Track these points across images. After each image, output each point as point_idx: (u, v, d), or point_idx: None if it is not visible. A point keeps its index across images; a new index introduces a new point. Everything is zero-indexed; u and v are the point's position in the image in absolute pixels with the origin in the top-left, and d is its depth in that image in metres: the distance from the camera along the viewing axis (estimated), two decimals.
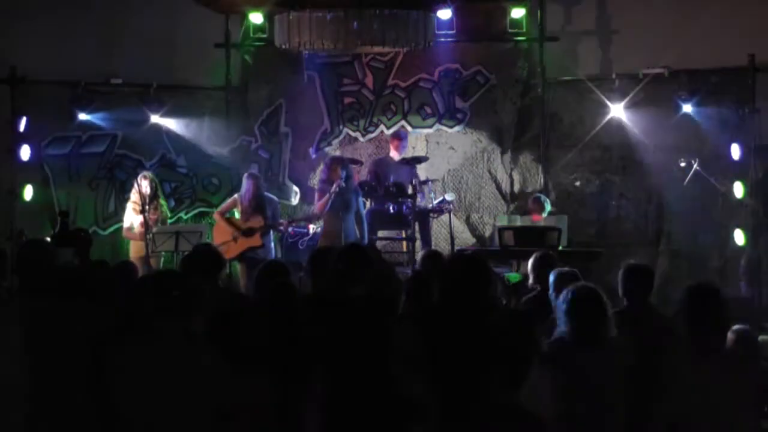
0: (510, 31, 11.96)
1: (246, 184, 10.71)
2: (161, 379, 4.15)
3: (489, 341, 4.74)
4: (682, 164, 10.77)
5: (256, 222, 10.59)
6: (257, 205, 10.65)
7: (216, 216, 10.92)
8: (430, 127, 12.13)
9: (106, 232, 11.59)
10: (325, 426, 4.58)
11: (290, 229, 11.19)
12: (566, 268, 6.54)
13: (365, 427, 4.54)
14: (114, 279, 5.45)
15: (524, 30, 11.93)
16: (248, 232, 10.57)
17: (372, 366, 4.59)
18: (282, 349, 4.98)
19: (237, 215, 10.78)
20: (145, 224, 10.22)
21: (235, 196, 10.83)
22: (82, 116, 11.40)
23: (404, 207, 10.88)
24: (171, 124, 11.79)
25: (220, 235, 10.61)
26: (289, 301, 5.16)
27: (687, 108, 11.13)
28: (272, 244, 10.87)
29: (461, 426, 4.57)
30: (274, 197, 11.07)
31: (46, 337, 4.61)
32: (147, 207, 10.31)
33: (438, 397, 4.61)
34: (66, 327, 4.62)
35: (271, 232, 10.79)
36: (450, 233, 11.18)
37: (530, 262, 6.98)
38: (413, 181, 10.98)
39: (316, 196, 10.83)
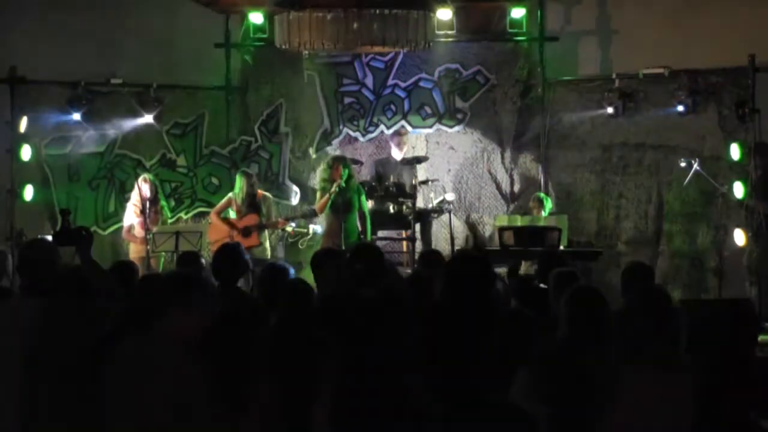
0: (510, 31, 11.95)
1: (239, 182, 10.71)
2: (161, 379, 4.14)
3: (488, 341, 4.75)
4: (682, 164, 10.77)
5: (251, 220, 10.59)
6: (251, 203, 10.65)
7: (212, 216, 10.90)
8: (430, 127, 12.13)
9: (106, 232, 11.59)
10: (336, 427, 4.56)
11: (289, 228, 11.18)
12: (566, 268, 6.52)
13: (376, 428, 4.53)
14: (115, 279, 5.44)
15: (524, 30, 11.93)
16: (245, 232, 10.57)
17: (384, 368, 4.57)
18: (291, 350, 4.97)
19: (233, 214, 10.77)
20: (145, 226, 10.23)
21: (230, 195, 10.83)
22: (82, 116, 11.39)
23: (404, 207, 10.88)
24: (170, 124, 11.80)
25: (216, 235, 10.59)
26: (302, 301, 5.14)
27: (687, 108, 11.13)
28: (269, 243, 10.87)
29: (459, 425, 4.57)
30: (269, 194, 11.05)
31: (46, 336, 4.61)
32: (147, 210, 10.33)
33: (437, 397, 4.61)
34: (67, 326, 4.62)
35: (267, 230, 10.77)
36: (450, 233, 11.19)
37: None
38: (413, 181, 10.98)
39: (318, 195, 10.83)
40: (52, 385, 4.57)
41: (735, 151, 10.79)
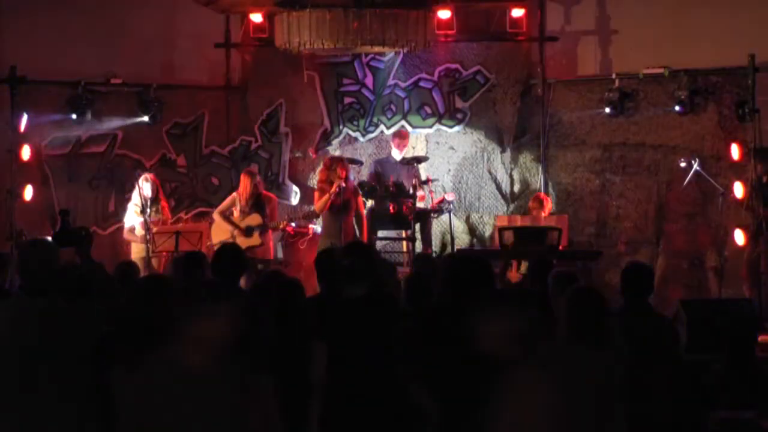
0: (510, 31, 11.95)
1: (243, 181, 10.71)
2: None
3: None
4: (682, 164, 10.78)
5: (254, 220, 10.60)
6: (255, 203, 10.65)
7: (215, 215, 10.91)
8: (430, 127, 12.13)
9: (106, 232, 11.59)
10: (330, 427, 4.57)
11: (289, 228, 11.18)
12: (565, 269, 6.52)
13: (371, 428, 4.53)
14: (115, 280, 5.44)
15: (524, 30, 11.94)
16: (247, 231, 10.58)
17: (378, 367, 4.58)
18: (288, 348, 4.97)
19: (237, 214, 10.77)
20: (146, 226, 10.23)
21: (234, 194, 10.83)
22: (82, 116, 11.39)
23: (404, 207, 10.89)
24: (171, 124, 11.81)
25: (219, 235, 10.61)
26: (295, 300, 5.14)
27: (687, 108, 11.14)
28: (271, 243, 10.88)
29: (459, 425, 4.57)
30: (273, 195, 11.09)
31: (45, 336, 4.61)
32: (148, 209, 10.33)
33: (436, 397, 4.61)
34: (67, 326, 4.62)
35: (270, 230, 10.79)
36: (450, 233, 11.19)
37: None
38: (413, 181, 10.98)
39: (316, 195, 10.84)
40: (52, 385, 4.57)
41: (735, 151, 10.80)
